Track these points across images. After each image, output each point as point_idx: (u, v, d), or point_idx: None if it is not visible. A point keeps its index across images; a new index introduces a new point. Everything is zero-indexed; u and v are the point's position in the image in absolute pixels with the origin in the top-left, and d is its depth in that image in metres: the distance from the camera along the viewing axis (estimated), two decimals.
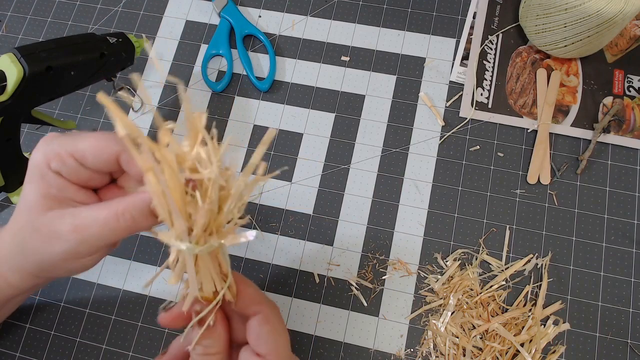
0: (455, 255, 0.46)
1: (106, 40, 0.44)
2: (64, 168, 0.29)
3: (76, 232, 0.29)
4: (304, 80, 0.53)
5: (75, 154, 0.29)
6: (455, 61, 0.52)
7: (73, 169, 0.30)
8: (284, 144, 0.50)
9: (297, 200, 0.49)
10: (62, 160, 0.29)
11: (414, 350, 0.44)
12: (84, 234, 0.29)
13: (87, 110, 0.53)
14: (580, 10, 0.44)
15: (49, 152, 0.29)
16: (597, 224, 0.46)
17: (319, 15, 0.55)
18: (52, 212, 0.29)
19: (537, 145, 0.48)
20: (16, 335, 0.46)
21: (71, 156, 0.29)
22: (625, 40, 0.52)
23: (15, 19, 0.57)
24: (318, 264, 0.46)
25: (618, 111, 0.49)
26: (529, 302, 0.44)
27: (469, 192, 0.48)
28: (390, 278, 0.46)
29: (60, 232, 0.29)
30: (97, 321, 0.46)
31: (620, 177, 0.48)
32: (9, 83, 0.38)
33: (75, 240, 0.29)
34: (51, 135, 0.31)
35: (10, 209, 0.50)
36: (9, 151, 0.45)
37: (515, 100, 0.50)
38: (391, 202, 0.48)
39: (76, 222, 0.29)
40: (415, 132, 0.50)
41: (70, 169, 0.30)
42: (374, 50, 0.53)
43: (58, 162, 0.29)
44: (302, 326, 0.45)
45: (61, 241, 0.29)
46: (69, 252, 0.29)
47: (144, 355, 0.45)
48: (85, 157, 0.29)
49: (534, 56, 0.52)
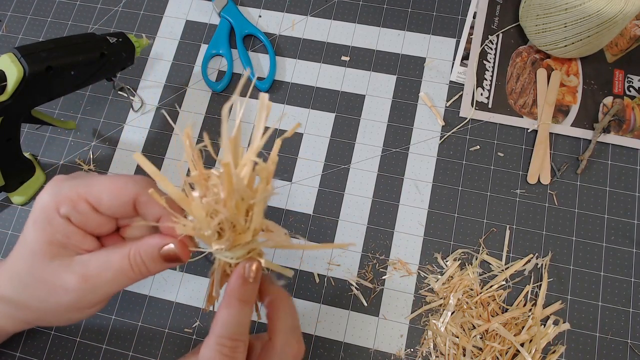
0: (455, 255, 0.46)
1: (106, 40, 0.44)
2: (75, 214, 0.28)
3: (84, 281, 0.28)
4: (304, 80, 0.53)
5: (89, 197, 0.28)
6: (455, 61, 0.52)
7: (84, 215, 0.28)
8: (284, 143, 0.50)
9: (297, 200, 0.49)
10: (73, 205, 0.28)
11: (414, 350, 0.44)
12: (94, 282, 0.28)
13: (87, 110, 0.53)
14: (580, 10, 0.44)
15: (60, 195, 0.28)
16: (597, 224, 0.46)
17: (319, 15, 0.55)
18: (57, 261, 0.28)
19: (537, 145, 0.48)
20: (16, 335, 0.46)
21: (84, 200, 0.28)
22: (625, 40, 0.52)
23: (15, 19, 0.57)
24: (318, 264, 0.46)
25: (618, 111, 0.49)
26: (529, 302, 0.44)
27: (469, 192, 0.48)
28: (390, 278, 0.46)
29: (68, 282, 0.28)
30: (97, 321, 0.46)
31: (620, 177, 0.48)
32: (9, 83, 0.38)
33: (85, 290, 0.28)
34: (61, 178, 0.29)
35: (11, 209, 0.50)
36: (9, 151, 0.45)
37: (516, 100, 0.50)
38: (391, 202, 0.48)
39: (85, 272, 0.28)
40: (415, 132, 0.50)
41: (81, 215, 0.28)
42: (374, 50, 0.53)
43: (69, 206, 0.28)
44: (302, 326, 0.45)
45: (68, 292, 0.28)
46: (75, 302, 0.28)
47: (144, 355, 0.45)
48: (100, 200, 0.28)
49: (534, 56, 0.52)
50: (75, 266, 0.28)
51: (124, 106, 0.53)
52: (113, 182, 0.28)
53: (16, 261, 0.29)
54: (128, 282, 0.29)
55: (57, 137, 0.52)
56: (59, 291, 0.28)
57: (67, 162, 0.51)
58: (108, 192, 0.28)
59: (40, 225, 0.28)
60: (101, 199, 0.28)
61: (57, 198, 0.28)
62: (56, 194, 0.28)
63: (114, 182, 0.28)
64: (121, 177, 0.29)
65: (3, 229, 0.49)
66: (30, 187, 0.49)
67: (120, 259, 0.28)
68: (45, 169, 0.51)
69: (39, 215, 0.28)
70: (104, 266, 0.28)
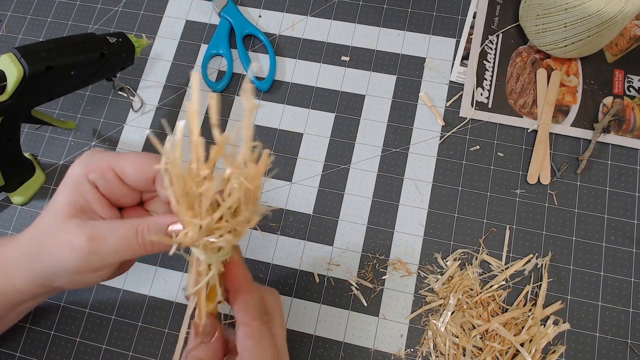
0: (455, 255, 0.46)
1: (106, 40, 0.44)
2: (102, 181, 0.31)
3: (91, 242, 0.29)
4: (304, 80, 0.53)
5: (116, 168, 0.31)
6: (455, 61, 0.52)
7: (110, 183, 0.31)
8: (284, 144, 0.50)
9: (297, 200, 0.49)
10: (102, 173, 0.31)
11: (414, 350, 0.44)
12: (98, 244, 0.29)
13: (87, 110, 0.53)
14: (580, 10, 0.44)
15: (91, 164, 0.31)
16: (597, 224, 0.46)
17: (319, 15, 0.55)
18: (73, 220, 0.30)
19: (537, 145, 0.48)
20: (16, 335, 0.46)
21: (112, 170, 0.31)
22: (625, 40, 0.52)
23: (15, 19, 0.57)
24: (318, 264, 0.46)
25: (618, 111, 0.49)
26: (529, 302, 0.44)
27: (469, 192, 0.48)
28: (390, 278, 0.46)
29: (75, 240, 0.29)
30: (97, 321, 0.46)
31: (620, 177, 0.48)
32: (9, 83, 0.38)
33: (89, 250, 0.29)
34: (94, 150, 0.32)
35: (11, 209, 0.50)
36: (9, 151, 0.45)
37: (515, 100, 0.50)
38: (391, 202, 0.48)
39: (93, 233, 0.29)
40: (415, 132, 0.50)
41: (107, 183, 0.31)
42: (374, 50, 0.53)
43: (97, 174, 0.31)
44: (302, 326, 0.45)
45: (74, 250, 0.29)
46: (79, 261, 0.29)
47: (144, 355, 0.45)
48: (125, 172, 0.31)
49: (534, 56, 0.52)
50: (86, 227, 0.30)
51: (124, 106, 0.53)
52: (138, 158, 0.31)
53: (40, 219, 0.32)
54: (131, 253, 0.30)
55: (57, 137, 0.52)
56: (65, 248, 0.29)
57: (67, 162, 0.51)
58: (132, 166, 0.31)
59: (68, 188, 0.31)
60: (126, 172, 0.31)
61: (89, 166, 0.31)
62: (88, 162, 0.31)
63: (139, 158, 0.31)
64: (146, 155, 0.31)
65: (3, 229, 0.49)
66: (30, 187, 0.49)
67: (128, 228, 0.29)
68: (45, 169, 0.51)
69: (69, 179, 0.31)
70: (111, 231, 0.29)
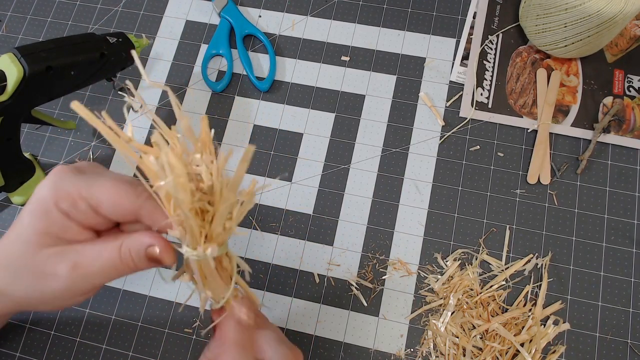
0: (455, 255, 0.46)
1: (106, 40, 0.44)
2: (74, 211, 0.28)
3: (75, 269, 0.28)
4: (304, 80, 0.53)
5: (90, 200, 0.28)
6: (455, 61, 0.52)
7: (83, 214, 0.28)
8: (284, 144, 0.50)
9: (297, 200, 0.49)
10: (73, 203, 0.28)
11: (414, 350, 0.44)
12: (84, 271, 0.28)
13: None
14: (580, 10, 0.44)
15: (61, 190, 0.28)
16: (597, 224, 0.46)
17: (319, 15, 0.55)
18: (49, 250, 0.28)
19: (537, 145, 0.48)
20: (16, 335, 0.46)
21: (85, 201, 0.28)
22: (625, 40, 0.52)
23: (15, 19, 0.57)
24: (318, 264, 0.46)
25: (618, 111, 0.49)
26: (529, 302, 0.44)
27: (469, 192, 0.48)
28: (390, 278, 0.46)
29: (60, 270, 0.28)
30: (97, 321, 0.46)
31: (620, 177, 0.48)
32: (9, 83, 0.38)
33: (73, 278, 0.28)
34: (64, 170, 0.29)
35: (11, 209, 0.50)
36: (9, 151, 0.45)
37: (515, 100, 0.50)
38: (391, 202, 0.48)
39: (77, 260, 0.28)
40: (415, 132, 0.50)
41: (80, 213, 0.28)
42: (374, 50, 0.53)
43: (68, 203, 0.28)
44: (302, 326, 0.45)
45: (58, 279, 0.28)
46: (65, 289, 0.28)
47: (144, 355, 0.45)
48: (100, 204, 0.28)
49: (534, 56, 0.52)
50: (68, 254, 0.28)
51: (124, 106, 0.53)
52: (115, 191, 0.28)
53: (8, 247, 0.29)
54: (117, 274, 0.29)
55: (57, 137, 0.52)
56: (49, 278, 0.28)
57: (67, 162, 0.51)
58: (108, 200, 0.28)
59: (37, 216, 0.28)
60: (101, 204, 0.28)
61: (58, 192, 0.28)
62: (57, 188, 0.28)
63: (116, 191, 0.28)
64: (123, 184, 0.28)
65: (3, 229, 0.49)
66: (30, 187, 0.49)
67: (110, 250, 0.28)
68: (45, 169, 0.51)
69: (37, 206, 0.28)
70: (95, 256, 0.28)
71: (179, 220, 0.25)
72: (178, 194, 0.23)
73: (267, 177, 0.49)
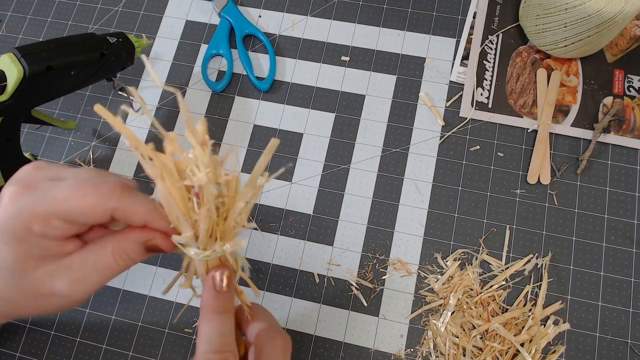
0: (455, 255, 0.46)
1: (106, 40, 0.44)
2: (50, 230, 0.26)
3: (74, 285, 0.27)
4: (304, 80, 0.53)
5: (60, 214, 0.26)
6: (455, 61, 0.52)
7: (60, 230, 0.26)
8: (284, 144, 0.50)
9: (297, 200, 0.49)
10: (46, 223, 0.26)
11: (414, 350, 0.44)
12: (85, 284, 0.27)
13: (87, 110, 0.53)
14: (580, 10, 0.44)
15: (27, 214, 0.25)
16: (597, 224, 0.46)
17: (319, 15, 0.55)
18: (39, 271, 0.27)
19: (537, 145, 0.48)
20: (16, 335, 0.46)
21: (57, 217, 0.26)
22: (625, 40, 0.52)
23: (15, 19, 0.57)
24: (318, 264, 0.46)
25: (618, 111, 0.49)
26: (529, 302, 0.44)
27: (469, 192, 0.48)
28: (390, 278, 0.46)
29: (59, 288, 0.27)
30: (97, 321, 0.46)
31: (620, 177, 0.48)
32: (9, 83, 0.38)
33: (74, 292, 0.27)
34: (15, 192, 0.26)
35: None
36: (9, 151, 0.45)
37: (515, 100, 0.50)
38: (391, 202, 0.48)
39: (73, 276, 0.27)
40: (415, 132, 0.50)
41: (56, 230, 0.26)
42: (374, 50, 0.53)
43: (42, 224, 0.26)
44: (302, 326, 0.45)
45: (60, 297, 0.27)
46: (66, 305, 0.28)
47: (144, 355, 0.45)
48: (72, 216, 0.26)
49: (534, 56, 0.52)
50: (62, 271, 0.27)
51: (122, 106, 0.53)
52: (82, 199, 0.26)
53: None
54: (114, 275, 0.28)
55: (57, 137, 0.52)
56: (49, 297, 0.27)
57: (67, 162, 0.51)
58: (79, 211, 0.26)
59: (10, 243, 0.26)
60: (73, 216, 0.26)
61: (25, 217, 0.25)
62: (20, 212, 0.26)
63: (83, 199, 0.26)
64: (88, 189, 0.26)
65: None
66: None
67: (104, 257, 0.27)
68: None
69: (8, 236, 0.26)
70: (90, 267, 0.27)
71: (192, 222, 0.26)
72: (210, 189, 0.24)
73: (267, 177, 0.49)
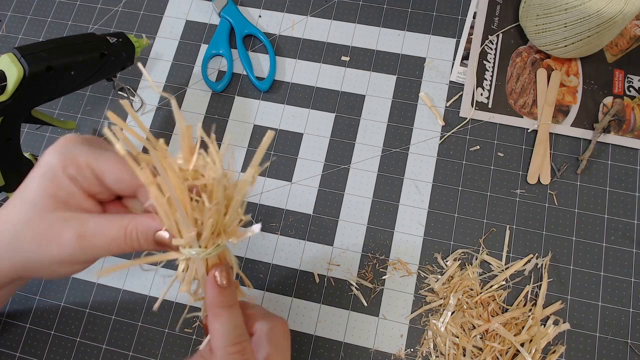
0: (455, 255, 0.46)
1: (106, 40, 0.44)
2: (80, 177, 0.29)
3: (80, 240, 0.28)
4: (304, 80, 0.53)
5: (95, 169, 0.29)
6: (455, 61, 0.52)
7: (88, 180, 0.29)
8: (284, 144, 0.50)
9: (297, 200, 0.49)
10: (80, 170, 0.29)
11: (414, 350, 0.44)
12: (88, 243, 0.28)
13: (87, 110, 0.53)
14: (580, 10, 0.44)
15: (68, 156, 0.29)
16: (597, 224, 0.46)
17: (319, 15, 0.55)
18: (55, 214, 0.28)
19: (537, 145, 0.48)
20: (16, 335, 0.46)
21: (90, 169, 0.29)
22: (625, 40, 0.52)
23: (15, 19, 0.57)
24: (318, 264, 0.46)
25: (618, 111, 0.49)
26: (529, 302, 0.44)
27: (469, 192, 0.48)
28: (390, 278, 0.46)
29: (63, 237, 0.28)
30: (97, 321, 0.46)
31: (620, 177, 0.48)
32: (9, 83, 0.38)
33: (77, 247, 0.28)
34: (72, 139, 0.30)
35: None
36: (9, 151, 0.45)
37: (516, 100, 0.50)
38: (391, 202, 0.48)
39: (82, 231, 0.28)
40: (415, 132, 0.50)
41: (85, 180, 0.29)
42: (374, 50, 0.53)
43: (75, 169, 0.29)
44: (302, 326, 0.45)
45: (62, 246, 0.28)
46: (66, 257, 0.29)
47: (144, 355, 0.45)
48: (104, 176, 0.29)
49: (534, 56, 0.52)
50: (73, 222, 0.28)
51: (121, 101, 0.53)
52: (118, 166, 0.29)
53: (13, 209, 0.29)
54: (119, 251, 0.29)
55: (57, 137, 0.52)
56: (52, 244, 0.28)
57: None
58: (112, 174, 0.29)
59: (45, 179, 0.28)
60: (105, 176, 0.29)
61: (65, 158, 0.28)
62: (65, 153, 0.29)
63: (119, 166, 0.29)
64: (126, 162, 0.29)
65: None
66: None
67: (117, 228, 0.28)
68: None
69: (46, 170, 0.29)
70: (100, 230, 0.28)
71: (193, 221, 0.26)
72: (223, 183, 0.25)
73: (267, 177, 0.49)
